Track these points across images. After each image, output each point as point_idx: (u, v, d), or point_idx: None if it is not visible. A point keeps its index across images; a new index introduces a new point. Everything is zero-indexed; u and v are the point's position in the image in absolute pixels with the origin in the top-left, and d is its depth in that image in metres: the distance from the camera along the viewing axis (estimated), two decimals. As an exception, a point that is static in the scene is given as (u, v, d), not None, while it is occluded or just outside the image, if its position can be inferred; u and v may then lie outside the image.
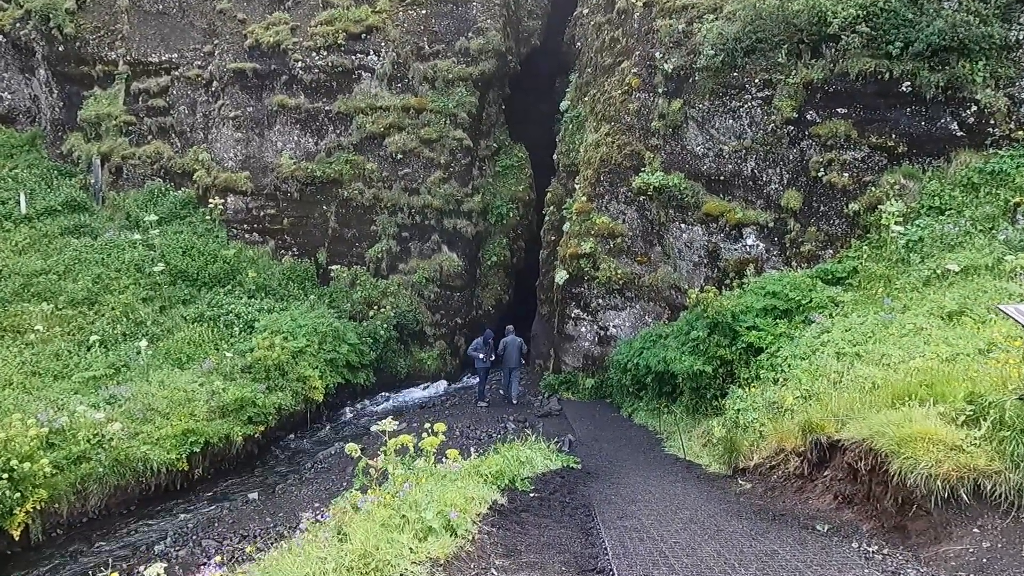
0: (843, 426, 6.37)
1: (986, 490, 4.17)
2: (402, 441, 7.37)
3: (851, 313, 12.00)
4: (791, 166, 15.02)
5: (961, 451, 4.36)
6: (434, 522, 4.26)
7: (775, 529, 5.16)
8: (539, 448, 9.14)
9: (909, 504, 4.48)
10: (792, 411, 9.34)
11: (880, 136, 13.87)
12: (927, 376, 5.73)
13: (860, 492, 5.26)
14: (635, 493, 7.32)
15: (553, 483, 7.57)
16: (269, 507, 11.53)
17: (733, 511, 5.95)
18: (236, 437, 15.10)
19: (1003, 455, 4.18)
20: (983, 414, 4.53)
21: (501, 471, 6.94)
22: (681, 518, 5.70)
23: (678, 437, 12.55)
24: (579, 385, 17.53)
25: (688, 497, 6.90)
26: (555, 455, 9.43)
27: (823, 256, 14.36)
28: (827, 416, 6.71)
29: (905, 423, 4.83)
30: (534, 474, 7.88)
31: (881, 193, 13.51)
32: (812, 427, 6.62)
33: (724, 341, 13.21)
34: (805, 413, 8.05)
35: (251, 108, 23.81)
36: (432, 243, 23.14)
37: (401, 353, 22.44)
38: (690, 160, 16.43)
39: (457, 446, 13.65)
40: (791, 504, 6.07)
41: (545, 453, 9.12)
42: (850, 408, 6.75)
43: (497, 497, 6.02)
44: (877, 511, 4.88)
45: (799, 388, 9.67)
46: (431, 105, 23.22)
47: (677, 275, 16.53)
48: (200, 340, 18.77)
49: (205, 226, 23.32)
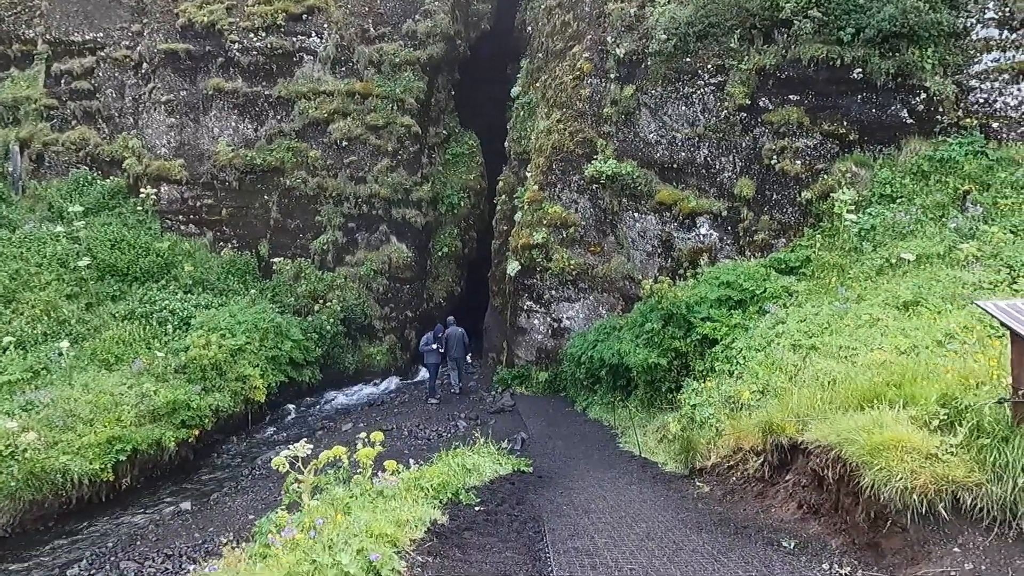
0: (805, 427, 6.04)
1: (966, 504, 3.85)
2: (335, 454, 6.76)
3: (805, 303, 11.83)
4: (744, 154, 14.80)
5: (937, 460, 4.03)
6: (352, 566, 3.66)
7: (738, 546, 4.78)
8: (487, 452, 8.62)
9: (883, 519, 4.14)
10: (749, 407, 9.06)
11: (832, 123, 13.74)
12: (894, 375, 5.42)
13: (827, 502, 4.92)
14: (588, 501, 6.87)
15: (502, 492, 7.06)
16: (200, 520, 10.72)
17: (692, 522, 5.55)
18: (168, 443, 14.14)
19: (983, 465, 3.86)
20: (958, 419, 4.22)
21: (444, 483, 6.38)
22: (637, 533, 5.27)
23: (633, 433, 12.21)
24: (532, 379, 17.09)
25: (644, 505, 6.48)
26: (505, 458, 8.93)
27: (776, 245, 14.20)
28: (788, 416, 6.37)
29: (875, 429, 4.48)
30: (481, 483, 7.36)
31: (833, 181, 13.38)
32: (772, 428, 6.28)
33: (679, 333, 12.93)
34: (764, 412, 7.73)
35: (185, 92, 22.47)
36: (380, 234, 22.32)
37: (349, 348, 21.61)
38: (643, 148, 16.07)
39: (405, 447, 13.07)
40: (753, 512, 5.71)
41: (494, 457, 8.61)
42: (811, 407, 6.43)
43: (437, 516, 5.47)
44: (847, 525, 4.54)
45: (756, 382, 9.39)
46: (377, 90, 22.32)
47: (631, 265, 16.21)
48: (130, 339, 17.60)
49: (136, 217, 21.97)
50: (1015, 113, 12.40)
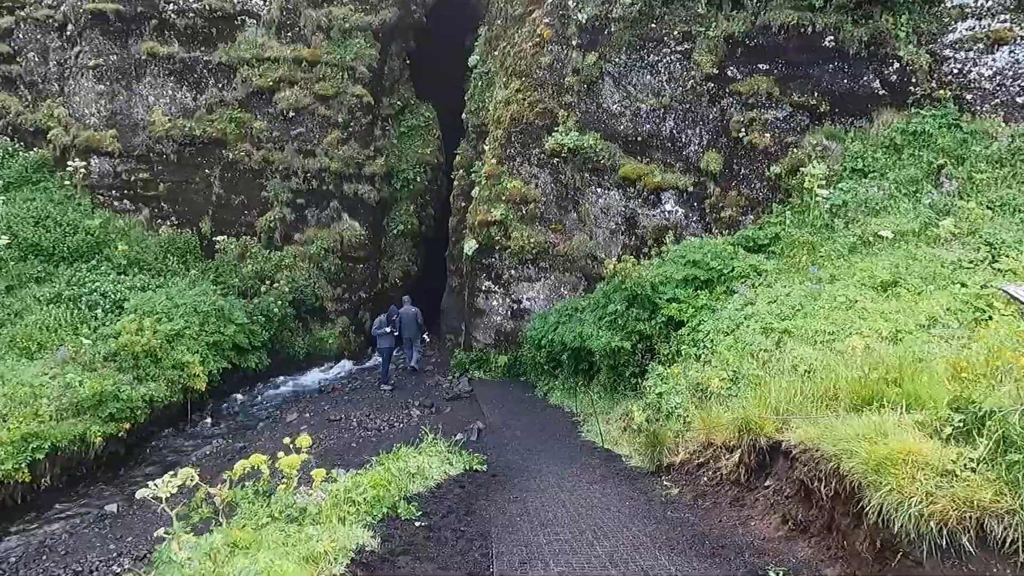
0: (786, 425, 5.38)
1: (995, 533, 3.21)
2: (253, 463, 5.86)
3: (775, 283, 11.27)
4: (711, 126, 14.11)
5: (956, 479, 3.38)
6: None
7: (717, 574, 4.11)
8: (436, 450, 7.81)
9: (891, 550, 3.48)
10: (719, 396, 8.43)
11: (802, 94, 13.12)
12: (892, 369, 4.79)
13: (818, 520, 4.27)
14: (546, 508, 6.14)
15: (449, 499, 6.27)
16: (121, 526, 9.73)
17: (662, 538, 4.87)
18: (94, 438, 12.98)
19: (1015, 487, 3.22)
20: (977, 427, 3.59)
21: (380, 495, 5.56)
22: (599, 556, 4.56)
23: (595, 421, 11.56)
24: (491, 363, 16.32)
25: (607, 514, 5.78)
26: (456, 455, 8.14)
27: (744, 222, 13.62)
28: (765, 411, 5.71)
29: (878, 437, 3.82)
30: (427, 488, 6.56)
31: (803, 155, 12.81)
32: (748, 426, 5.62)
33: (643, 315, 12.28)
34: (738, 405, 7.08)
35: (115, 56, 20.77)
36: (331, 210, 21.14)
37: (299, 332, 20.54)
38: (606, 119, 15.26)
39: (353, 439, 12.20)
40: (730, 525, 5.07)
41: (443, 456, 7.82)
42: (791, 401, 5.77)
43: (367, 539, 4.66)
44: (845, 552, 3.89)
45: (725, 369, 8.76)
46: (326, 57, 20.99)
47: (593, 243, 15.48)
48: (56, 325, 16.24)
49: (64, 193, 20.34)
50: (989, 84, 11.93)
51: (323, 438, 12.12)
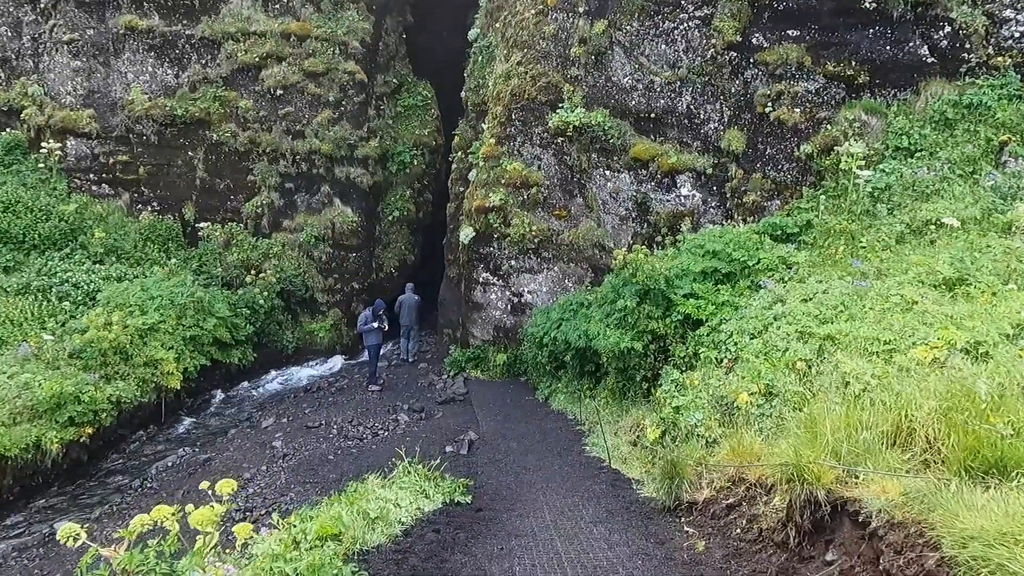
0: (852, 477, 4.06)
1: None
2: (157, 517, 4.58)
3: (808, 277, 9.88)
4: (733, 100, 12.66)
5: None
6: None
7: None
8: (410, 480, 6.53)
9: None
10: (749, 414, 7.09)
11: (838, 63, 11.64)
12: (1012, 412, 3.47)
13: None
14: (536, 567, 4.86)
15: (415, 555, 4.99)
16: (55, 557, 8.54)
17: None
18: (49, 445, 11.83)
19: None
20: None
21: (319, 562, 4.27)
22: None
23: (601, 432, 10.25)
24: (489, 362, 15.01)
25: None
26: (435, 484, 6.85)
27: (770, 208, 12.20)
28: (819, 451, 4.39)
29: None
30: (390, 538, 5.27)
31: (838, 132, 11.35)
32: (801, 473, 4.31)
33: (656, 311, 10.91)
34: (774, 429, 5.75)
35: (92, 31, 19.48)
36: (322, 195, 19.84)
37: (288, 325, 19.32)
38: (616, 94, 13.82)
39: (331, 450, 10.95)
40: (780, 618, 3.80)
41: (419, 486, 6.53)
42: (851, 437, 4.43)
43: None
44: None
45: (756, 380, 7.41)
46: (316, 31, 19.62)
47: (601, 231, 14.10)
48: (21, 318, 15.10)
49: (38, 176, 19.13)
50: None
51: (298, 448, 10.89)
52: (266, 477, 9.73)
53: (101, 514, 9.74)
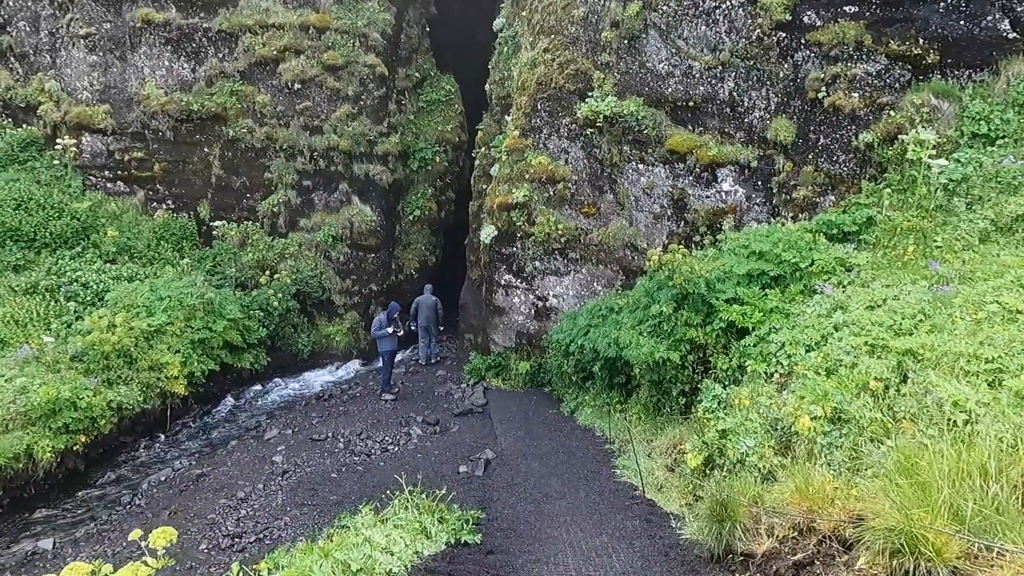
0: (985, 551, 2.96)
1: None
2: (70, 575, 3.63)
3: (872, 281, 8.68)
4: (782, 86, 11.46)
5: None
6: None
7: None
8: (408, 518, 5.52)
9: None
10: (814, 443, 5.96)
11: (903, 42, 10.37)
12: None
13: None
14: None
15: (402, 621, 3.97)
16: None
17: None
18: (41, 454, 11.15)
19: None
20: None
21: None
22: None
23: (634, 452, 9.16)
24: (511, 370, 13.98)
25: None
26: (441, 519, 5.84)
27: (822, 204, 10.97)
28: (933, 514, 3.28)
29: None
30: (374, 595, 4.27)
31: (903, 118, 10.09)
32: (913, 541, 3.21)
33: (696, 318, 9.79)
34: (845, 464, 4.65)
35: (108, 24, 19.01)
36: (340, 193, 19.06)
37: (304, 328, 18.55)
38: (651, 81, 12.71)
39: (335, 467, 10.00)
40: None
41: (419, 523, 5.53)
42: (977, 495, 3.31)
43: None
44: None
45: (819, 400, 6.26)
46: (336, 23, 18.88)
47: (633, 230, 12.99)
48: (27, 318, 14.53)
49: (53, 173, 18.68)
50: None
51: (300, 464, 9.98)
52: (262, 497, 8.84)
53: (85, 533, 8.93)
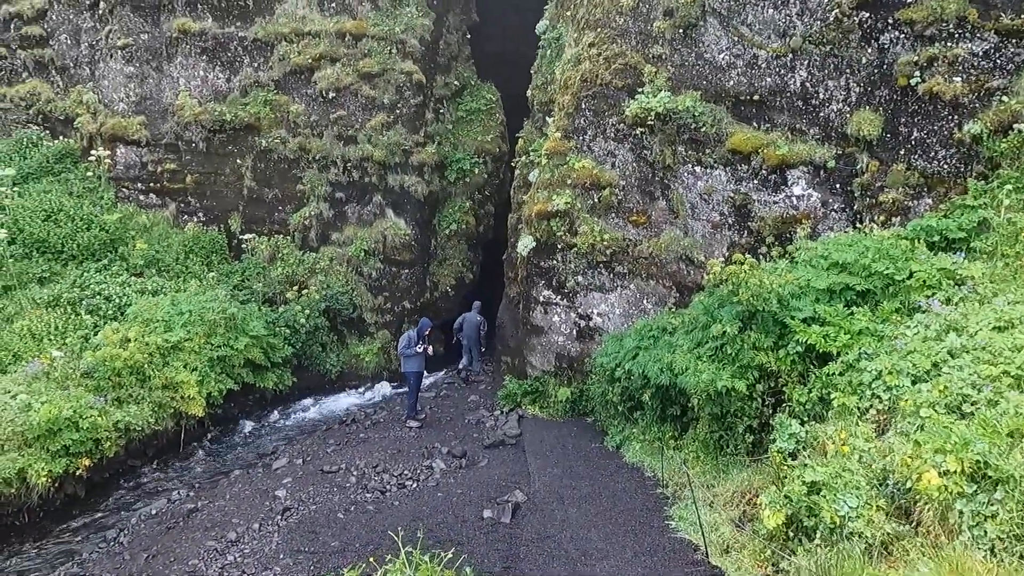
0: None
1: None
2: None
3: (992, 297, 7.03)
4: (864, 74, 9.91)
5: None
6: None
7: None
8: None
9: None
10: (946, 507, 4.39)
11: (1016, 15, 8.74)
12: None
13: None
14: None
15: None
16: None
17: None
18: (36, 478, 10.25)
19: None
20: None
21: None
22: None
23: (692, 499, 7.63)
24: (549, 397, 12.54)
25: None
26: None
27: (916, 208, 9.33)
28: None
29: None
30: None
31: (1019, 104, 8.43)
32: None
33: (766, 341, 8.27)
34: None
35: (146, 35, 18.73)
36: (374, 206, 18.13)
37: (333, 347, 17.56)
38: (709, 74, 11.32)
39: (342, 506, 8.70)
40: None
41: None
42: None
43: None
44: None
45: (953, 450, 4.69)
46: (372, 30, 18.13)
47: (689, 241, 11.50)
48: (44, 332, 13.90)
49: (86, 185, 18.35)
50: None
51: (304, 500, 8.76)
52: (255, 540, 7.64)
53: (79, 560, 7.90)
